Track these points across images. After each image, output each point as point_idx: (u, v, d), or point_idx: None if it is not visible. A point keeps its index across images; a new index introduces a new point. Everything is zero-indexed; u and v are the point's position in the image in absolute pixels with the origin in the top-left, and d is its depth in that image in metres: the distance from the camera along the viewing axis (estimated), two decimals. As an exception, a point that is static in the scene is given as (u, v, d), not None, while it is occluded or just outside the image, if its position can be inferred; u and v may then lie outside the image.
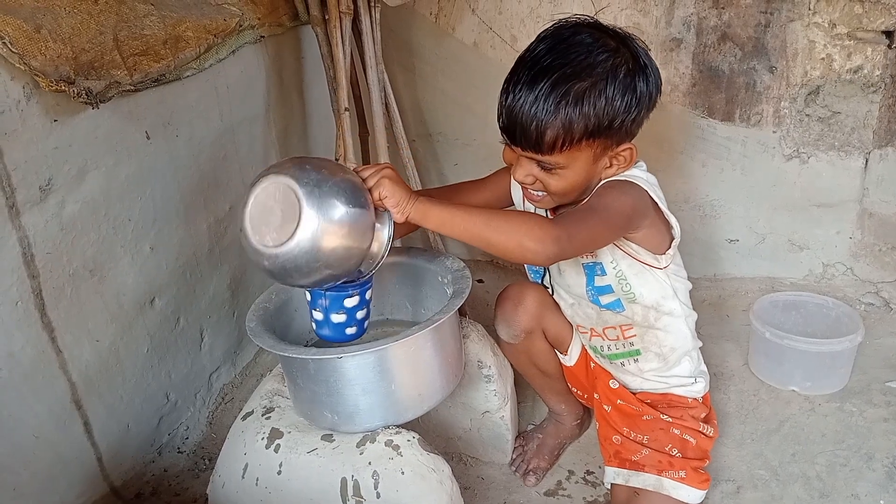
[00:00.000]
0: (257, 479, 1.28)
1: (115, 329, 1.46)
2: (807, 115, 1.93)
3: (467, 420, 1.58)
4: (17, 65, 1.12)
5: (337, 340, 1.26)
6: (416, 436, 1.27)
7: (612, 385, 1.49)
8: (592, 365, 1.54)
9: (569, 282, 1.43)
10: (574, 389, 1.63)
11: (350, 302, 1.23)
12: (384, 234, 1.16)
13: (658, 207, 1.29)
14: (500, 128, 1.24)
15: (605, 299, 1.39)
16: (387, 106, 1.90)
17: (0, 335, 1.20)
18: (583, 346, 1.55)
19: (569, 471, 1.59)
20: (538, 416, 1.74)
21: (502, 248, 1.14)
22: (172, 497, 1.56)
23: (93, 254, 1.37)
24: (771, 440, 1.60)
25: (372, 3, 1.80)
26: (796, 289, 2.04)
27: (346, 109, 1.73)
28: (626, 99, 1.18)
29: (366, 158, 2.09)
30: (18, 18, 1.13)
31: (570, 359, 1.56)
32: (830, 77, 1.87)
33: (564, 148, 1.18)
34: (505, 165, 1.45)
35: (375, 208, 1.13)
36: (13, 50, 1.11)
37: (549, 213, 1.39)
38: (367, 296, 1.26)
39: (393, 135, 1.93)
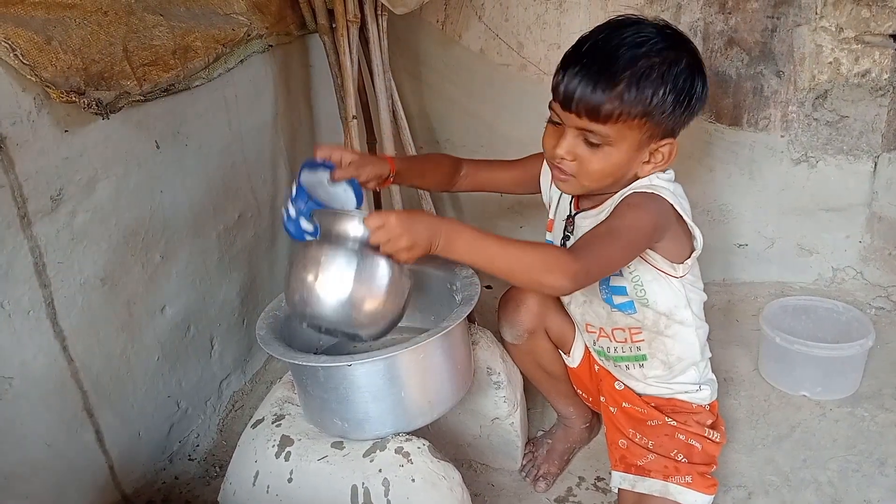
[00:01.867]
0: (268, 487, 1.28)
1: (126, 337, 1.46)
2: (815, 119, 1.93)
3: (477, 427, 1.57)
4: (29, 76, 1.13)
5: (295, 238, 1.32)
6: (427, 443, 1.27)
7: (617, 387, 1.49)
8: (597, 367, 1.54)
9: None
10: (580, 392, 1.63)
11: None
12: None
13: (682, 219, 1.28)
14: (556, 94, 1.22)
15: (618, 299, 1.38)
16: (394, 113, 1.91)
17: (12, 344, 1.21)
18: (586, 348, 1.54)
19: (579, 477, 1.59)
20: (548, 422, 1.73)
21: (522, 281, 1.17)
22: (183, 505, 1.57)
23: (103, 263, 1.38)
24: (782, 446, 1.59)
25: (379, 12, 1.81)
26: (806, 293, 2.04)
27: (353, 117, 1.74)
28: (683, 90, 1.19)
29: (374, 166, 2.09)
30: (29, 30, 1.14)
31: (574, 360, 1.56)
32: (838, 81, 1.87)
33: (620, 120, 1.17)
34: (538, 153, 1.44)
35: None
36: (24, 61, 1.12)
37: (572, 204, 1.40)
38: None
39: (400, 142, 1.94)
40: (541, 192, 1.53)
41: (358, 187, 1.35)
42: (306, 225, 1.28)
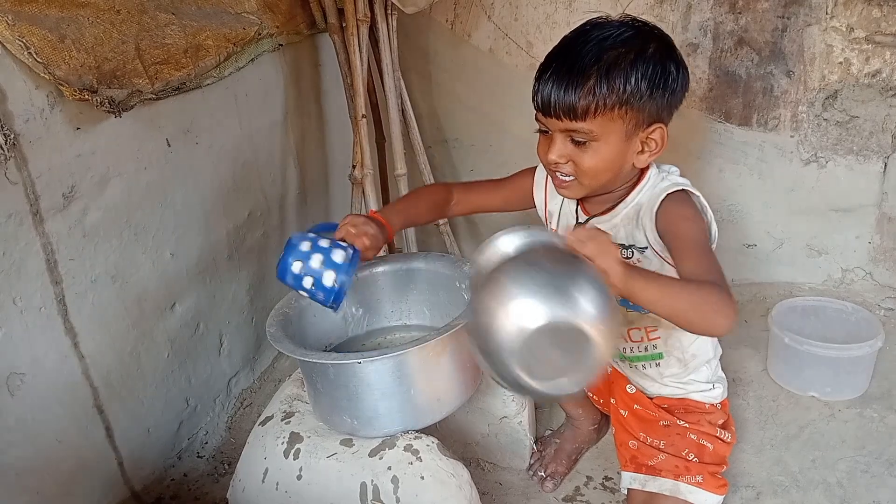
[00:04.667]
0: (277, 484, 1.28)
1: (136, 335, 1.47)
2: (825, 119, 1.92)
3: (485, 425, 1.58)
4: (42, 74, 1.14)
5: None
6: (435, 441, 1.27)
7: (629, 390, 1.49)
8: (609, 370, 1.54)
9: None
10: (591, 395, 1.63)
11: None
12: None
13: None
14: (536, 104, 1.24)
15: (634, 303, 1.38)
16: (403, 112, 1.91)
17: (24, 341, 1.22)
18: None
19: (587, 476, 1.59)
20: (556, 421, 1.73)
21: (694, 324, 1.11)
22: (192, 501, 1.57)
23: (115, 260, 1.39)
24: (791, 446, 1.59)
25: (389, 11, 1.82)
26: (815, 294, 2.03)
27: (363, 116, 1.75)
28: (656, 74, 1.20)
29: (383, 164, 2.10)
30: (43, 29, 1.15)
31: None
32: (848, 81, 1.86)
33: (598, 113, 1.18)
34: (527, 168, 1.46)
35: None
36: (38, 59, 1.12)
37: (579, 208, 1.39)
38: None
39: (409, 141, 1.94)
40: (535, 207, 1.52)
41: (356, 252, 1.26)
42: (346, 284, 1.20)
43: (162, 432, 1.60)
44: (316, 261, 1.21)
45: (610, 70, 1.17)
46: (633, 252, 1.32)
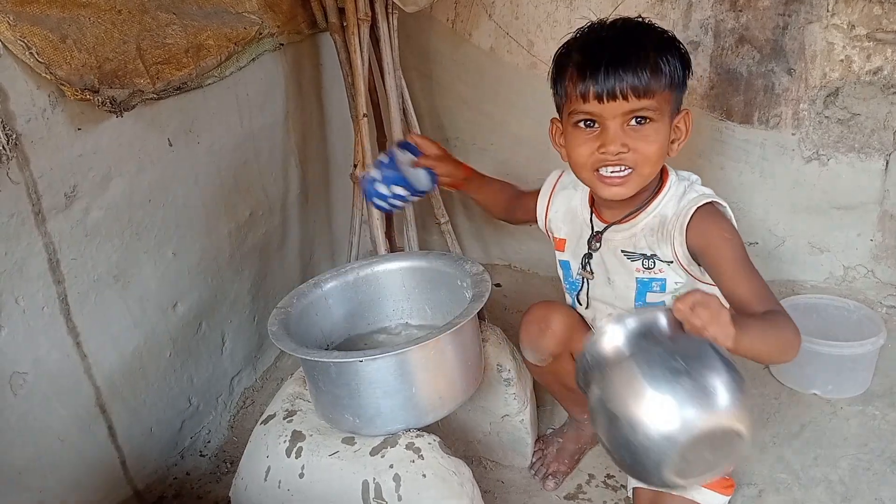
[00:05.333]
0: (279, 482, 1.29)
1: (138, 334, 1.48)
2: (826, 116, 1.92)
3: (487, 423, 1.58)
4: (44, 74, 1.14)
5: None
6: (437, 439, 1.27)
7: None
8: None
9: (616, 293, 1.39)
10: None
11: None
12: None
13: None
14: (586, 95, 1.20)
15: None
16: (404, 111, 1.91)
17: (26, 340, 1.22)
18: None
19: (589, 474, 1.59)
20: (558, 419, 1.73)
21: (779, 359, 1.23)
22: (195, 500, 1.58)
23: (116, 259, 1.39)
24: (793, 444, 1.59)
25: (389, 10, 1.81)
26: (817, 291, 2.02)
27: (364, 115, 1.74)
28: (685, 62, 1.24)
29: (384, 164, 2.10)
30: (45, 29, 1.15)
31: None
32: (850, 79, 1.86)
33: (658, 91, 1.19)
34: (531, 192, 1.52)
35: None
36: (40, 59, 1.13)
37: (594, 217, 1.38)
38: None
39: (411, 140, 1.94)
40: (535, 222, 1.54)
41: (433, 176, 1.53)
42: (382, 189, 1.47)
43: (164, 431, 1.60)
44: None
45: (660, 50, 1.20)
46: (654, 262, 1.31)
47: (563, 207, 1.46)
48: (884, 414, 1.64)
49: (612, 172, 1.24)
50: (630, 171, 1.24)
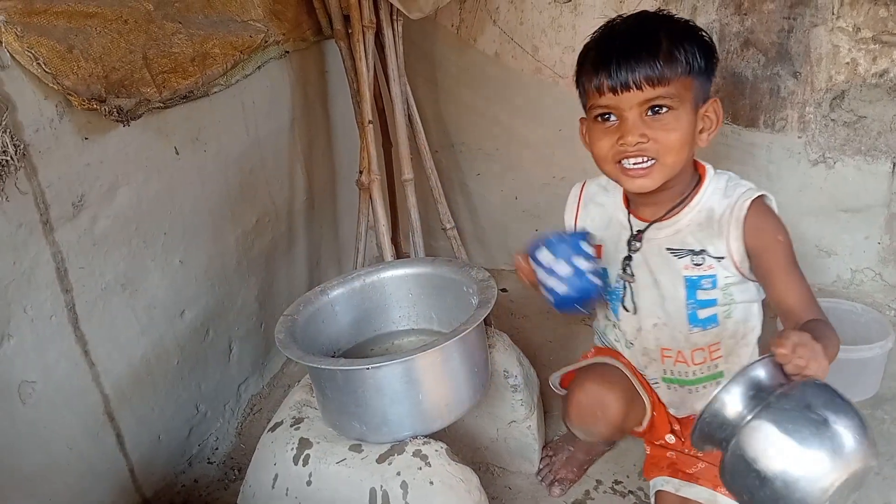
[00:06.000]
0: (287, 490, 1.29)
1: (146, 342, 1.48)
2: (832, 119, 1.92)
3: (494, 430, 1.58)
4: (51, 84, 1.15)
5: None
6: (444, 446, 1.27)
7: (668, 439, 1.44)
8: (654, 414, 1.46)
9: (663, 294, 1.35)
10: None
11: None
12: None
13: None
14: (602, 87, 1.21)
15: (703, 313, 1.33)
16: (410, 117, 1.92)
17: (35, 349, 1.23)
18: (653, 409, 1.44)
19: (597, 480, 1.59)
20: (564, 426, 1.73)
21: None
22: (203, 507, 1.58)
23: (124, 268, 1.40)
24: (801, 448, 1.58)
25: (394, 17, 1.82)
26: (824, 295, 2.02)
27: (369, 121, 1.75)
28: (705, 50, 1.23)
29: (390, 169, 2.11)
30: (52, 39, 1.16)
31: (642, 427, 1.47)
32: (855, 81, 1.86)
33: (674, 78, 1.19)
34: None
35: None
36: (47, 70, 1.13)
37: (632, 217, 1.36)
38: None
39: (416, 146, 1.94)
40: None
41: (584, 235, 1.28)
42: (595, 279, 1.23)
43: (172, 439, 1.60)
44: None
45: (676, 38, 1.20)
46: (704, 258, 1.29)
47: (598, 215, 1.43)
48: (893, 418, 1.63)
49: (634, 164, 1.23)
50: (653, 161, 1.22)
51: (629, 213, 1.37)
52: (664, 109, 1.20)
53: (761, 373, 1.01)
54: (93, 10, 1.25)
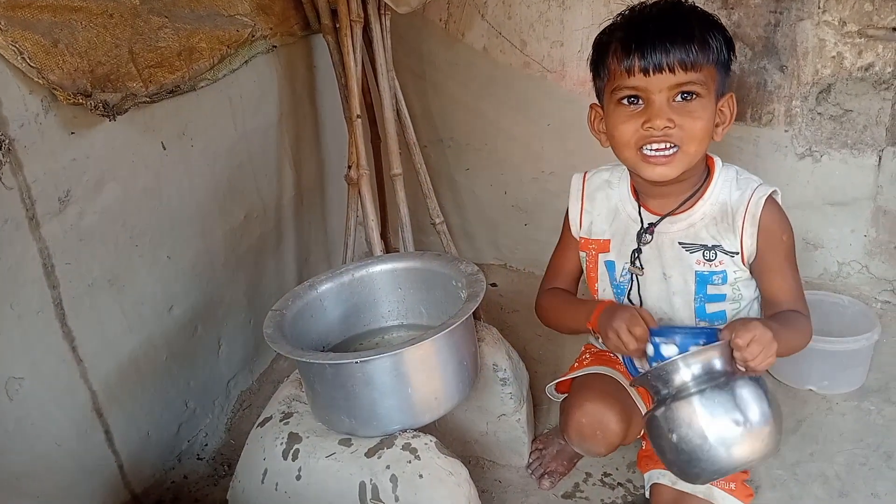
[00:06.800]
0: (277, 485, 1.29)
1: (134, 338, 1.47)
2: (818, 113, 1.93)
3: (484, 423, 1.58)
4: (36, 79, 1.14)
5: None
6: (434, 439, 1.28)
7: None
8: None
9: (672, 289, 1.35)
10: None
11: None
12: None
13: None
14: (632, 69, 1.19)
15: (711, 308, 1.34)
16: (398, 112, 1.91)
17: (21, 345, 1.22)
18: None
19: (586, 473, 1.59)
20: (554, 419, 1.73)
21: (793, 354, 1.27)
22: (192, 503, 1.57)
23: (111, 264, 1.39)
24: (789, 440, 1.59)
25: (382, 11, 1.82)
26: (811, 288, 2.03)
27: (357, 116, 1.74)
28: (728, 42, 1.23)
29: (378, 164, 2.10)
30: (36, 33, 1.15)
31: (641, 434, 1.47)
32: (841, 75, 1.86)
33: (705, 64, 1.18)
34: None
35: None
36: (32, 64, 1.13)
37: (642, 210, 1.35)
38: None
39: (405, 141, 1.94)
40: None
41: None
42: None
43: (161, 435, 1.60)
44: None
45: (705, 26, 1.20)
46: (716, 254, 1.29)
47: (604, 207, 1.41)
48: (879, 409, 1.65)
49: (656, 150, 1.21)
50: (676, 148, 1.21)
51: (640, 206, 1.36)
52: (693, 96, 1.19)
53: (716, 356, 1.14)
54: (78, 4, 1.24)
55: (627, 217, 1.38)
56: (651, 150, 1.22)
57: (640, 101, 1.21)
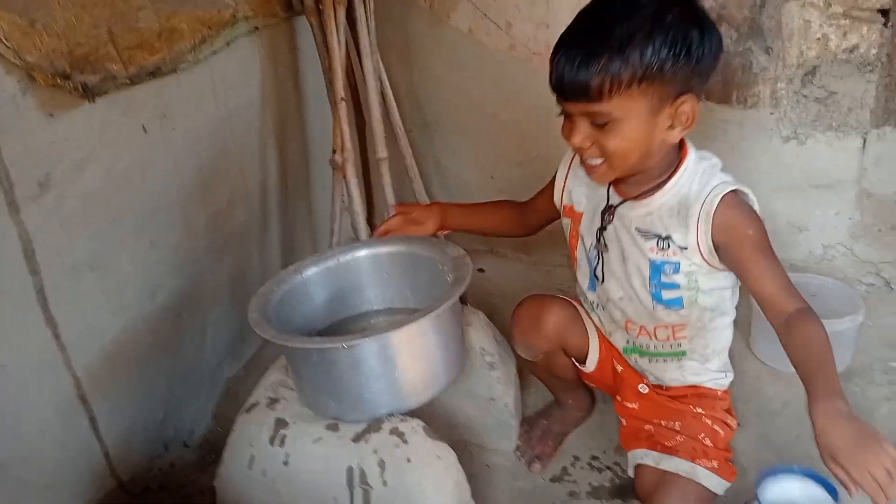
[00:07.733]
0: (264, 471, 1.28)
1: (117, 324, 1.46)
2: (804, 95, 1.93)
3: (471, 407, 1.58)
4: (13, 60, 1.12)
5: None
6: (421, 423, 1.27)
7: (641, 390, 1.48)
8: (620, 369, 1.51)
9: (628, 272, 1.37)
10: (594, 386, 1.63)
11: None
12: None
13: None
14: (552, 86, 1.20)
15: (667, 294, 1.34)
16: (383, 95, 1.89)
17: (3, 331, 1.20)
18: (602, 351, 1.51)
19: (574, 456, 1.60)
20: (542, 401, 1.74)
21: None
22: (180, 490, 1.57)
23: (93, 249, 1.37)
24: (775, 422, 1.60)
25: (366, -8, 1.79)
26: (796, 270, 2.04)
27: (342, 99, 1.73)
28: (676, 42, 1.13)
29: (363, 148, 2.08)
30: (12, 13, 1.12)
31: (589, 366, 1.52)
32: (826, 57, 1.86)
33: (614, 94, 1.13)
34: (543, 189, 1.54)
35: None
36: (7, 45, 1.11)
37: (611, 190, 1.36)
38: None
39: (390, 124, 1.92)
40: (550, 220, 1.57)
41: (833, 490, 1.29)
42: None
43: (147, 423, 1.59)
44: None
45: (624, 45, 1.11)
46: (668, 244, 1.29)
47: (584, 181, 1.42)
48: (863, 391, 1.66)
49: (588, 160, 1.25)
50: (603, 160, 1.23)
51: (609, 185, 1.36)
52: (603, 122, 1.18)
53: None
54: (55, -16, 1.22)
55: (599, 194, 1.40)
56: (585, 158, 1.26)
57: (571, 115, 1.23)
